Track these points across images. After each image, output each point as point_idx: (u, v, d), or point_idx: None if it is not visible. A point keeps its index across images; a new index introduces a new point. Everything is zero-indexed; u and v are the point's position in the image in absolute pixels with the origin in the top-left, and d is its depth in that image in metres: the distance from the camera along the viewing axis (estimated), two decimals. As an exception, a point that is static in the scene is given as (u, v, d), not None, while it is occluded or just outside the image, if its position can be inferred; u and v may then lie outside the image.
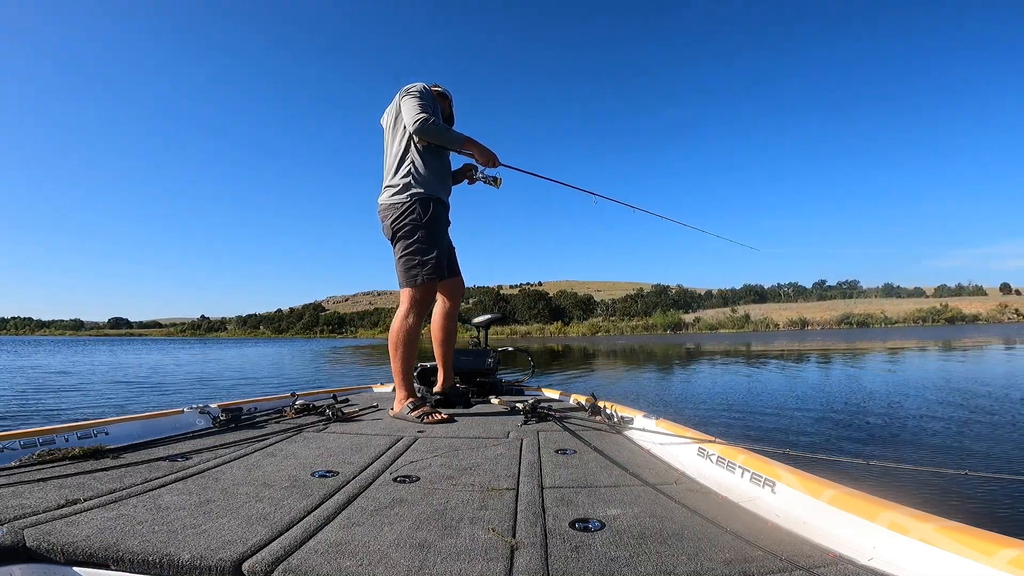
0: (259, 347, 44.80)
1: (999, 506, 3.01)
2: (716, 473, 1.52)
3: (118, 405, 7.83)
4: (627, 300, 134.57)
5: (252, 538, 1.00)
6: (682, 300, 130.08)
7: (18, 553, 0.96)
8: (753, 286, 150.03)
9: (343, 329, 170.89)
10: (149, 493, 1.29)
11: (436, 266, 2.59)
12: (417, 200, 2.58)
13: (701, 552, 0.98)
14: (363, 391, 3.70)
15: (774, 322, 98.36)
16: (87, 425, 1.86)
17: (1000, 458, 4.13)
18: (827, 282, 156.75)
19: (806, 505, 1.18)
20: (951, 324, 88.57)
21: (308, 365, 19.53)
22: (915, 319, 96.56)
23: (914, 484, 3.24)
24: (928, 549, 0.90)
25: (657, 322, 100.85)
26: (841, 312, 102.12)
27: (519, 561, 0.93)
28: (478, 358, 3.35)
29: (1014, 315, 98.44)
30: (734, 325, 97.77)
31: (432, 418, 2.38)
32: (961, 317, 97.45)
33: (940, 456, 4.27)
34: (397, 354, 2.57)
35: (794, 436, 5.16)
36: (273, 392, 4.28)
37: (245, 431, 2.18)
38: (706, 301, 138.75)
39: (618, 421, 2.24)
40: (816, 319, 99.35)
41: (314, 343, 68.86)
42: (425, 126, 2.52)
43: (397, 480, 1.45)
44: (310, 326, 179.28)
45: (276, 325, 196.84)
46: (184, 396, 8.95)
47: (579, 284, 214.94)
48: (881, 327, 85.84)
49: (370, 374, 14.75)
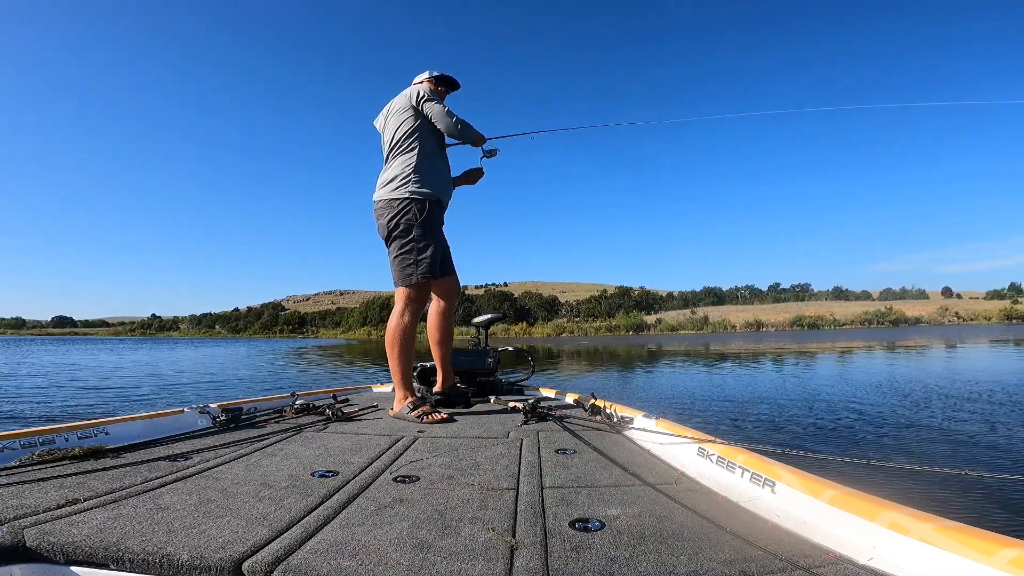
0: (218, 347, 43.17)
1: (999, 506, 3.03)
2: (716, 473, 1.53)
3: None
4: (591, 301, 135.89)
5: (252, 538, 1.01)
6: (644, 302, 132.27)
7: (18, 553, 0.97)
8: (712, 288, 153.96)
9: (304, 329, 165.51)
10: (149, 493, 1.30)
11: (431, 265, 2.60)
12: (413, 199, 2.58)
13: (701, 552, 0.98)
14: (363, 391, 3.70)
15: (731, 323, 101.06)
16: (87, 425, 1.86)
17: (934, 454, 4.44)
18: (781, 285, 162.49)
19: (806, 505, 1.19)
20: (895, 326, 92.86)
21: (273, 366, 18.69)
22: (862, 321, 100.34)
23: (914, 484, 3.27)
24: (928, 549, 0.90)
25: (620, 323, 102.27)
26: (794, 314, 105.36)
27: (519, 561, 0.94)
28: (478, 358, 3.35)
29: (954, 318, 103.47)
30: (694, 326, 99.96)
31: (432, 417, 2.38)
32: (904, 319, 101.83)
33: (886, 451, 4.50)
34: (394, 354, 2.57)
35: (748, 425, 5.69)
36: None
37: (245, 431, 2.18)
38: (667, 303, 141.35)
39: (618, 421, 2.25)
40: (771, 321, 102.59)
41: (275, 343, 66.84)
42: (465, 130, 2.71)
43: (397, 480, 1.46)
44: (269, 326, 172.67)
45: (233, 324, 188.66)
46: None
47: (544, 285, 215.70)
48: (830, 329, 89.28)
49: (343, 374, 14.58)
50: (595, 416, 2.40)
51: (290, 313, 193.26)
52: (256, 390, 10.31)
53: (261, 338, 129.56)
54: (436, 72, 2.91)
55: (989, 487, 3.28)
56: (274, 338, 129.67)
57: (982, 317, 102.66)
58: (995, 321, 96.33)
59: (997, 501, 3.11)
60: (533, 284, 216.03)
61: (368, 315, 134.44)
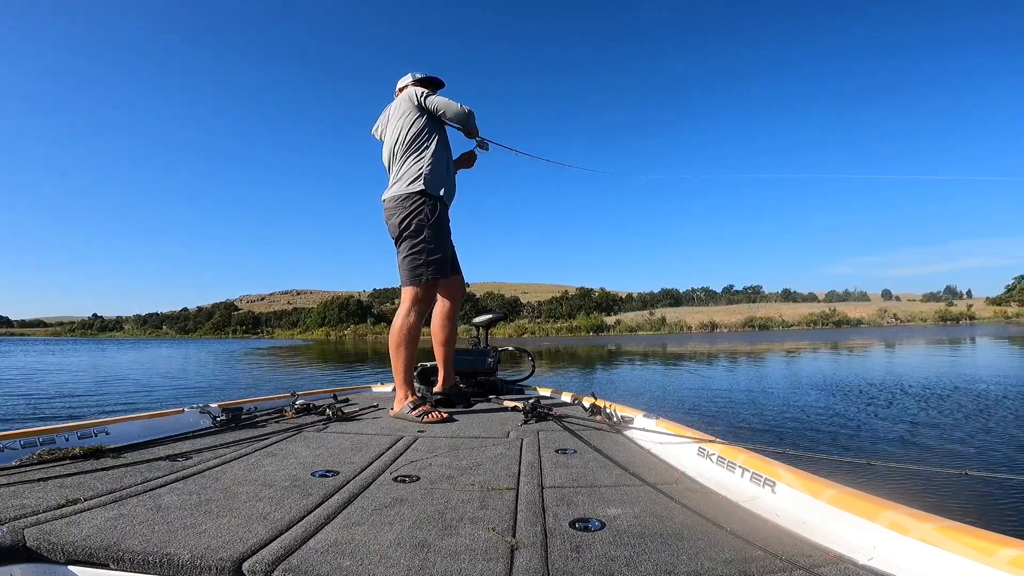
0: (162, 348, 40.93)
1: (999, 506, 3.04)
2: (716, 473, 1.52)
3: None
4: (553, 302, 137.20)
5: (252, 538, 1.01)
6: (604, 303, 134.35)
7: (18, 553, 0.97)
8: (670, 290, 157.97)
9: (258, 329, 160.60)
10: (149, 493, 1.30)
11: (441, 266, 2.61)
12: (425, 200, 2.59)
13: (701, 552, 0.98)
14: (363, 391, 3.70)
15: (687, 325, 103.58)
16: (87, 425, 1.85)
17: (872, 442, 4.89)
18: (735, 286, 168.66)
19: (806, 505, 1.19)
20: (838, 327, 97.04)
21: (213, 368, 17.45)
22: (808, 322, 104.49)
23: (914, 484, 3.30)
24: (928, 549, 0.90)
25: (581, 324, 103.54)
26: (746, 315, 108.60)
27: (519, 561, 0.94)
28: (478, 358, 3.35)
29: (892, 319, 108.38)
30: (652, 327, 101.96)
31: (432, 417, 2.38)
32: (847, 321, 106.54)
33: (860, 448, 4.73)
34: (399, 353, 2.56)
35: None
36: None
37: (245, 431, 2.17)
38: (627, 304, 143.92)
39: (618, 421, 2.24)
40: (724, 322, 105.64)
41: (227, 344, 64.12)
42: (468, 114, 2.74)
43: (397, 480, 1.46)
44: (221, 326, 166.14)
45: (182, 325, 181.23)
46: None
47: (506, 286, 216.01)
48: (779, 330, 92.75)
49: (306, 375, 14.25)
50: (595, 416, 2.39)
51: (244, 313, 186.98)
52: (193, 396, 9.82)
53: (212, 339, 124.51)
54: (420, 74, 2.92)
55: (989, 487, 3.30)
56: (226, 339, 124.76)
57: (918, 319, 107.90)
58: (930, 323, 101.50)
59: (997, 501, 3.13)
60: (495, 285, 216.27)
61: (327, 316, 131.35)
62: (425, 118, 2.69)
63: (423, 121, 2.68)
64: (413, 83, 2.89)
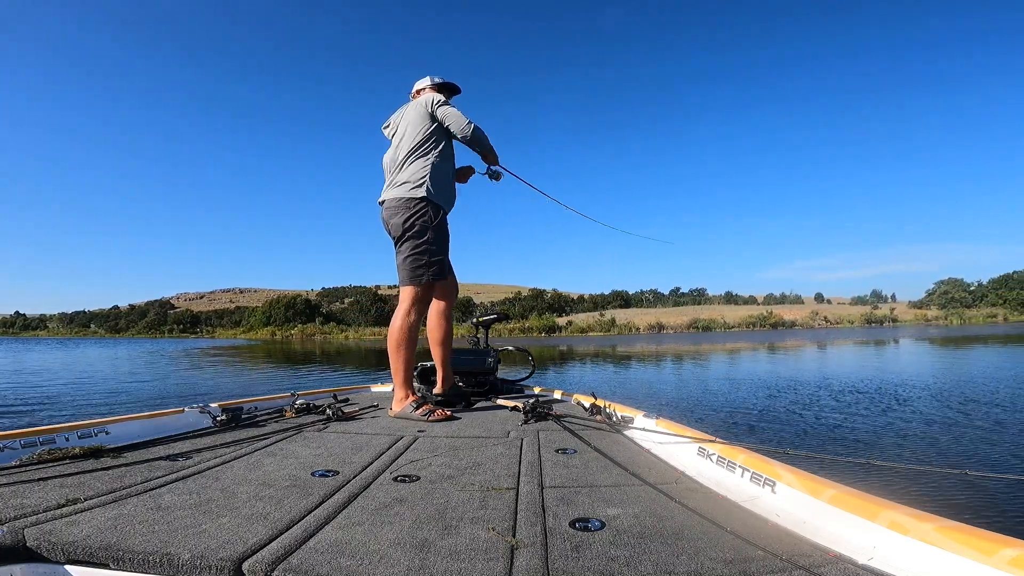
0: (78, 349, 37.48)
1: (999, 506, 3.05)
2: (716, 473, 1.53)
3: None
4: (505, 303, 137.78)
5: (252, 538, 1.01)
6: (557, 304, 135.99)
7: (18, 553, 0.97)
8: (620, 292, 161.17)
9: (197, 328, 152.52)
10: (149, 493, 1.30)
11: (441, 267, 2.65)
12: (429, 203, 2.62)
13: (701, 552, 0.98)
14: (363, 391, 3.71)
15: (636, 326, 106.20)
16: (87, 425, 1.86)
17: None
18: (681, 289, 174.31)
19: (806, 505, 1.19)
20: (774, 328, 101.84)
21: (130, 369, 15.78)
22: (747, 324, 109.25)
23: (914, 484, 3.30)
24: (928, 549, 0.90)
25: (534, 325, 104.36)
26: (691, 317, 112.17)
27: (519, 561, 0.94)
28: (478, 358, 3.35)
29: (823, 322, 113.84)
30: (602, 328, 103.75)
31: (438, 415, 2.41)
32: (782, 323, 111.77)
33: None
34: (399, 353, 2.57)
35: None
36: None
37: (245, 430, 2.18)
38: (579, 305, 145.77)
39: (618, 421, 2.25)
40: (671, 323, 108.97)
41: (160, 343, 59.99)
42: (477, 133, 2.73)
43: (397, 480, 1.46)
44: (156, 325, 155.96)
45: (112, 323, 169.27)
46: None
47: (460, 286, 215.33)
48: (721, 331, 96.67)
49: (249, 379, 13.82)
50: (595, 416, 2.40)
51: (181, 311, 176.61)
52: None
53: (145, 338, 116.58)
54: (439, 79, 2.91)
55: (989, 487, 3.32)
56: (161, 338, 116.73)
57: (846, 321, 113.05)
58: (857, 325, 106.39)
59: (997, 501, 3.14)
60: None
61: (272, 314, 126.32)
62: (435, 125, 2.71)
63: (433, 128, 2.70)
64: (431, 87, 2.90)
